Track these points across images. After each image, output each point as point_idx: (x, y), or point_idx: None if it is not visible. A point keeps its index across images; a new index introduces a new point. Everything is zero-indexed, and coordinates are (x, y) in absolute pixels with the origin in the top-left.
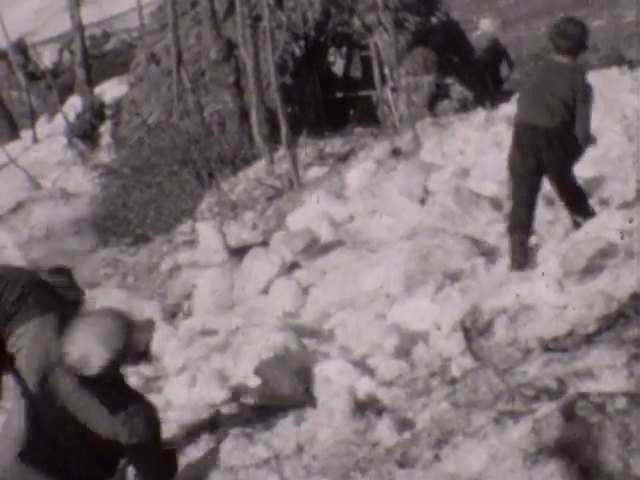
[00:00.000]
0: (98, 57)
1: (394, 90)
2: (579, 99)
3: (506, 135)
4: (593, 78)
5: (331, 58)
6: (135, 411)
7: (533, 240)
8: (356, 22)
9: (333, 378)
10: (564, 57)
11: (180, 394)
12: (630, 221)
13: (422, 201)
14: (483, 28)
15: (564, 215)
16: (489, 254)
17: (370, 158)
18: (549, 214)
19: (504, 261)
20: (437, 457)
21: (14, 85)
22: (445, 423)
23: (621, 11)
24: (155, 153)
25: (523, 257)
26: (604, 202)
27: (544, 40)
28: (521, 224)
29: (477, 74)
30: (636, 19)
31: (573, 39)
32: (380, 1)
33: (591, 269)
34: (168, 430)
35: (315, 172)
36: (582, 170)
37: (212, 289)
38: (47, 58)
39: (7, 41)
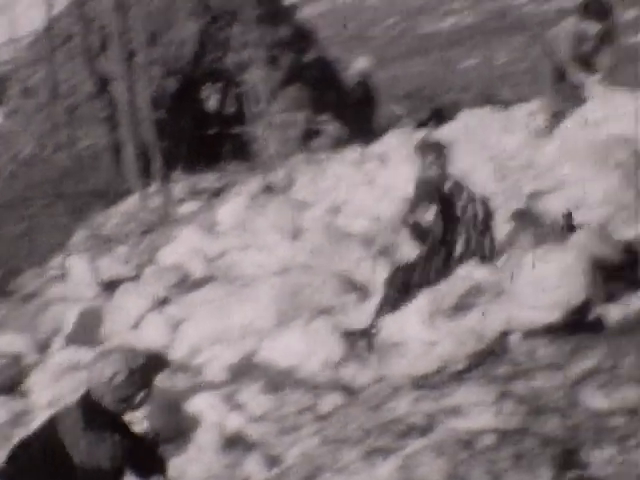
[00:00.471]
0: None
1: (267, 127)
2: None
3: (378, 173)
4: (465, 118)
5: (205, 94)
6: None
7: None
8: (230, 58)
9: (203, 413)
10: None
11: None
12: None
13: (294, 237)
14: (358, 66)
15: None
16: (359, 290)
17: (243, 194)
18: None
19: (375, 298)
20: None
21: None
22: (314, 459)
23: (494, 52)
24: (28, 186)
25: None
26: None
27: (417, 78)
28: None
29: (351, 111)
30: (508, 59)
31: None
32: (254, 38)
33: (461, 306)
34: None
35: (188, 207)
36: None
37: (82, 323)
38: None
39: None
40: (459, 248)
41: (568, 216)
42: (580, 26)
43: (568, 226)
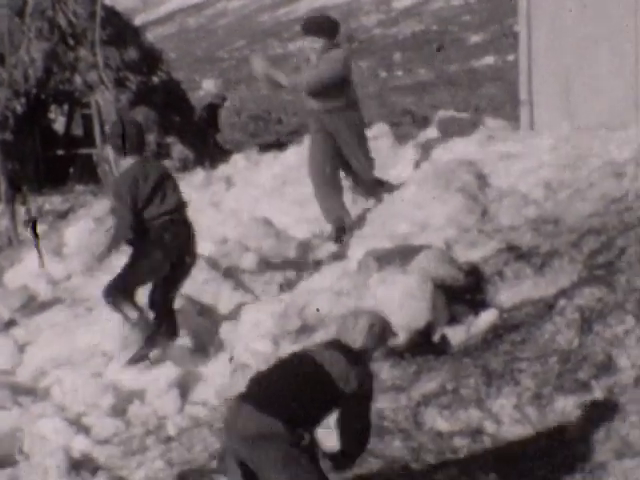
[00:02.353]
0: None
1: None
2: None
3: (224, 195)
4: None
5: (52, 115)
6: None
7: (248, 299)
8: (78, 80)
9: (48, 436)
10: None
11: None
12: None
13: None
14: (206, 88)
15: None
16: (205, 314)
17: (89, 216)
18: (266, 275)
19: (227, 323)
20: None
21: None
22: None
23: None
24: None
25: None
26: (318, 263)
27: (265, 101)
28: None
29: (198, 134)
30: (356, 82)
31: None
32: (101, 60)
33: (305, 329)
34: None
35: None
36: (298, 230)
37: None
38: None
39: None
40: None
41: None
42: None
43: None
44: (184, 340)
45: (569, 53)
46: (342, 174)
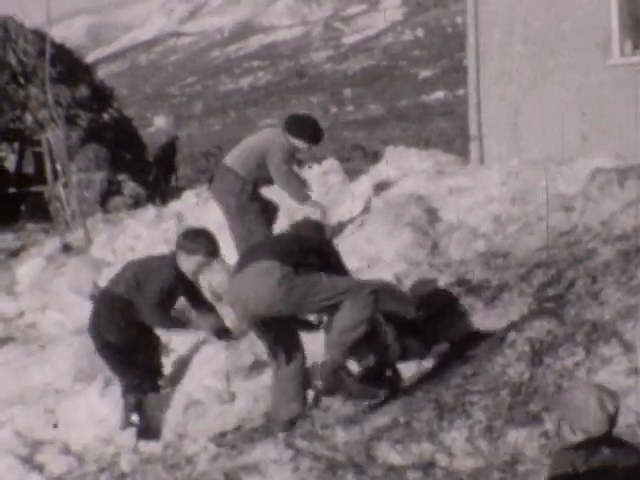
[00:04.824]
0: None
1: (66, 186)
2: None
3: (175, 231)
4: None
5: (3, 153)
6: None
7: (201, 335)
8: (28, 118)
9: (2, 475)
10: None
11: None
12: None
13: (92, 297)
14: (158, 124)
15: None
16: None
17: (41, 254)
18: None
19: (179, 359)
20: None
21: None
22: None
23: (292, 110)
24: None
25: None
26: None
27: (216, 137)
28: None
29: (149, 171)
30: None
31: None
32: (52, 97)
33: (257, 365)
34: None
35: None
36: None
37: None
38: None
39: None
40: None
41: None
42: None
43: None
44: None
45: (517, 87)
46: None
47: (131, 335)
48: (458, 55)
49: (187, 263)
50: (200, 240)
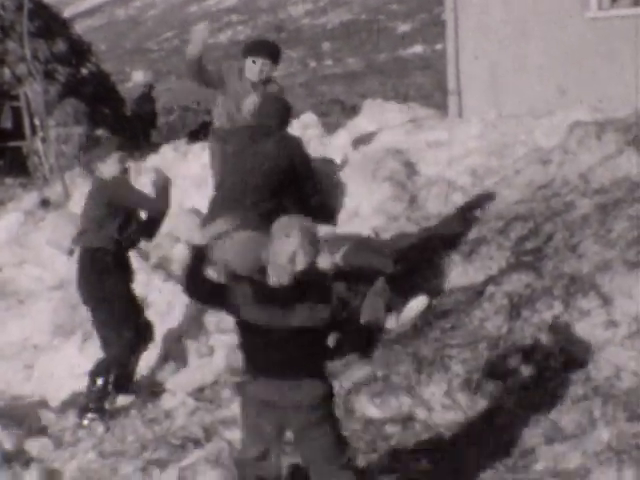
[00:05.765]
0: None
1: (44, 141)
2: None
3: None
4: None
5: None
6: None
7: (179, 290)
8: (6, 72)
9: None
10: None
11: None
12: None
13: (71, 252)
14: (136, 79)
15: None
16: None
17: (19, 209)
18: None
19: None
20: None
21: None
22: (92, 473)
23: None
24: None
25: None
26: None
27: (196, 92)
28: None
29: (128, 125)
30: (286, 73)
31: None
32: (29, 52)
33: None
34: None
35: None
36: None
37: None
38: None
39: None
40: None
41: None
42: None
43: None
44: None
45: (496, 41)
46: None
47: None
48: (437, 9)
49: None
50: None
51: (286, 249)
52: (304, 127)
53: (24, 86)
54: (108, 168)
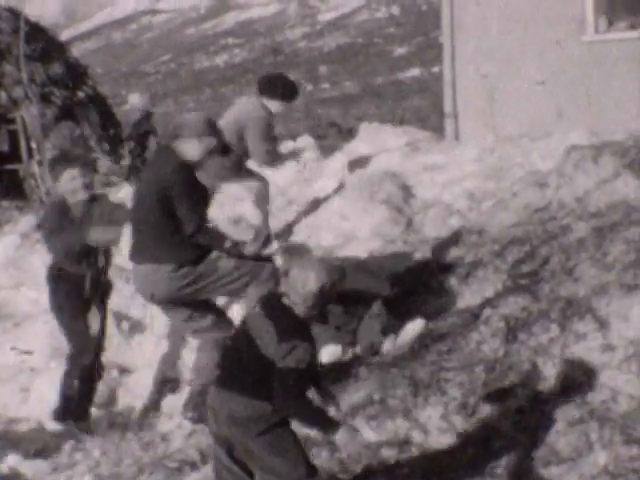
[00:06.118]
0: None
1: (41, 164)
2: None
3: None
4: None
5: None
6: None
7: None
8: (2, 96)
9: None
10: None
11: None
12: None
13: None
14: (132, 102)
15: None
16: (133, 327)
17: (15, 231)
18: None
19: (148, 333)
20: None
21: None
22: None
23: None
24: None
25: None
26: None
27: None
28: None
29: (124, 148)
30: None
31: None
32: (26, 75)
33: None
34: None
35: None
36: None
37: None
38: None
39: None
40: None
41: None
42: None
43: None
44: None
45: (493, 64)
46: None
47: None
48: (434, 32)
49: None
50: None
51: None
52: (300, 150)
53: (21, 109)
54: (60, 187)
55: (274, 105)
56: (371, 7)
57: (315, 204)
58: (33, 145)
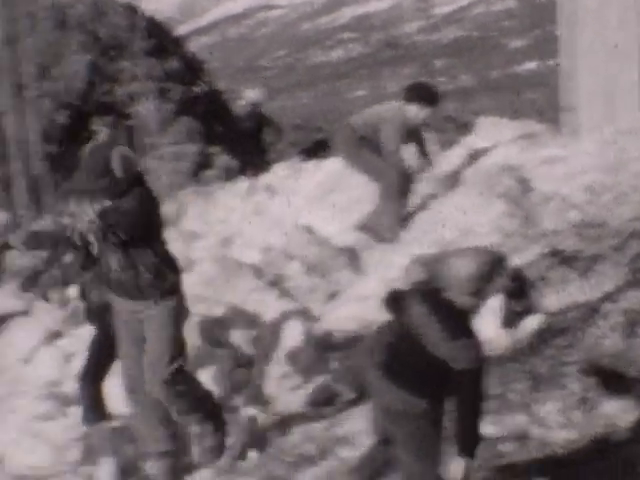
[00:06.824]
0: None
1: (159, 159)
2: None
3: (267, 204)
4: None
5: (96, 126)
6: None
7: (293, 307)
8: (121, 91)
9: None
10: None
11: None
12: None
13: (186, 269)
14: (248, 97)
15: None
16: (250, 323)
17: None
18: (311, 283)
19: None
20: None
21: None
22: None
23: (384, 82)
24: None
25: None
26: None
27: (306, 109)
28: None
29: (241, 143)
30: (398, 89)
31: None
32: (144, 70)
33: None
34: None
35: None
36: (342, 238)
37: None
38: None
39: None
40: None
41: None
42: (407, 111)
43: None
44: None
45: (612, 55)
46: None
47: None
48: (550, 25)
49: None
50: None
51: None
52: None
53: (138, 104)
54: None
55: (416, 110)
56: (487, 0)
57: (432, 198)
58: (151, 140)
